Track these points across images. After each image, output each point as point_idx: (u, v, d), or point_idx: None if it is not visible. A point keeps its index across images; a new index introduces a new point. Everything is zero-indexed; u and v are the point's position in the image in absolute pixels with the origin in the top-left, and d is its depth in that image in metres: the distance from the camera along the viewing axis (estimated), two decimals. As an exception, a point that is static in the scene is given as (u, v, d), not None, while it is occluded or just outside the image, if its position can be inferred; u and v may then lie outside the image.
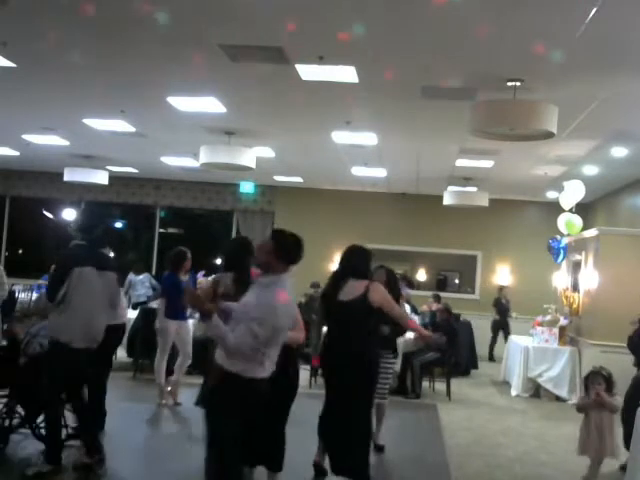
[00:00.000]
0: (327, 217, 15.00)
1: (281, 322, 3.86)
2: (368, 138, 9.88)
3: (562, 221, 11.55)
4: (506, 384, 11.07)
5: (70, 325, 5.16)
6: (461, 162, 11.23)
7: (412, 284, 14.05)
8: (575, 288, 11.10)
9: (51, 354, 5.28)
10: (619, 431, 5.99)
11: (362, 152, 10.90)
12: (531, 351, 10.41)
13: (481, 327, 13.47)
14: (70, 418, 5.72)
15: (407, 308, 11.97)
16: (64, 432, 5.56)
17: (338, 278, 5.43)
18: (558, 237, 11.68)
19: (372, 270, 5.87)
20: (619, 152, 9.77)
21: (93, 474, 5.26)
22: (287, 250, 4.01)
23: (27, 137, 11.50)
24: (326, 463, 5.46)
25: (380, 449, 6.53)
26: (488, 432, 7.85)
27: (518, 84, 6.70)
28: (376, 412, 6.34)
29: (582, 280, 10.69)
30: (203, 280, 8.31)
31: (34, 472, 5.13)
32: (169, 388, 8.05)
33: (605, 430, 5.85)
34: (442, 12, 5.23)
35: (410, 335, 10.29)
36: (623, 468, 6.18)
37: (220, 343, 3.81)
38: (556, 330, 10.59)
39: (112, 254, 6.06)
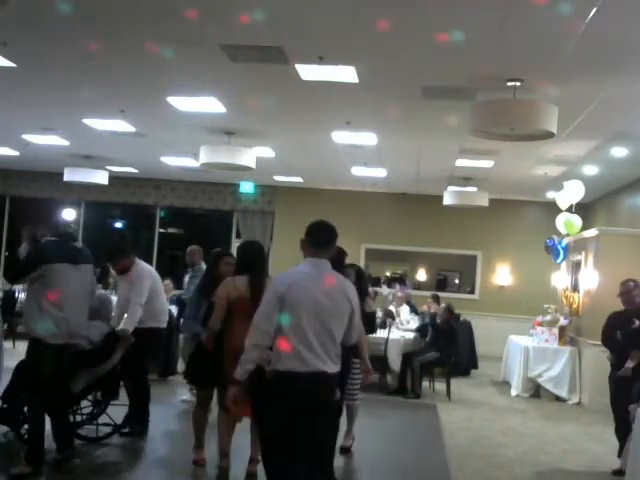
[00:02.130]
0: (327, 217, 14.58)
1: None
2: (368, 138, 9.88)
3: (561, 221, 11.53)
4: (506, 384, 11.07)
5: (45, 321, 5.12)
6: (461, 162, 11.23)
7: (404, 281, 14.05)
8: (575, 288, 11.10)
9: (30, 352, 5.26)
10: None
11: (362, 152, 10.90)
12: (531, 351, 10.41)
13: (481, 327, 13.47)
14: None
15: (406, 308, 12.03)
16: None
17: None
18: (556, 238, 11.66)
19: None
20: (619, 152, 9.76)
21: (67, 471, 5.27)
22: (307, 233, 4.09)
23: (27, 137, 11.49)
24: None
25: (346, 451, 6.36)
26: (488, 432, 7.85)
27: (518, 84, 6.69)
28: (347, 413, 6.29)
29: (582, 280, 10.68)
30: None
31: (16, 473, 5.09)
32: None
33: None
34: (442, 12, 5.24)
35: (410, 335, 10.33)
36: (615, 473, 6.20)
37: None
38: (556, 330, 10.59)
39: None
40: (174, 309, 10.21)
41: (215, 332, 5.27)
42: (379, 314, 9.52)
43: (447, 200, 12.55)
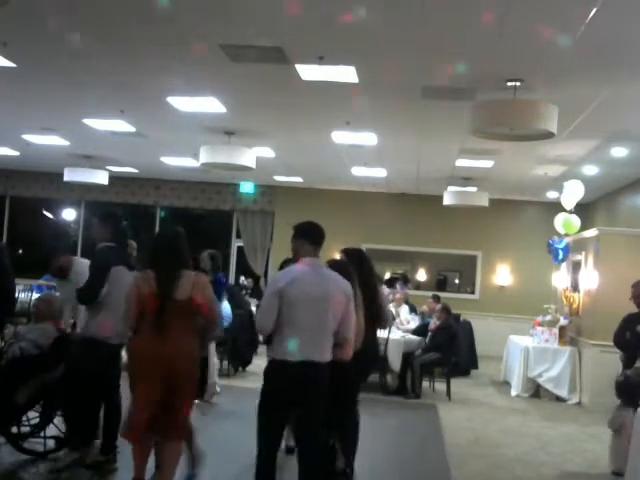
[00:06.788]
0: (327, 217, 14.73)
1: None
2: (368, 138, 9.88)
3: (559, 221, 11.49)
4: (506, 384, 11.07)
5: (108, 322, 5.16)
6: (461, 162, 11.23)
7: (408, 280, 14.00)
8: (575, 288, 11.10)
9: (88, 352, 5.23)
10: None
11: (362, 152, 10.90)
12: (531, 351, 10.41)
13: (481, 327, 13.47)
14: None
15: (406, 308, 12.01)
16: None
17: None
18: (556, 238, 11.65)
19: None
20: (619, 152, 9.77)
21: (106, 471, 5.27)
22: (305, 233, 4.43)
23: (27, 137, 11.50)
24: None
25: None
26: (488, 432, 7.85)
27: (518, 84, 6.70)
28: None
29: (582, 280, 10.68)
30: None
31: (92, 461, 5.22)
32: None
33: None
34: (442, 11, 5.24)
35: (411, 335, 10.33)
36: (615, 473, 6.19)
37: None
38: (556, 330, 10.59)
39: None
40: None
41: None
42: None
43: (447, 200, 12.55)
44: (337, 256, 5.68)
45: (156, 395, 4.40)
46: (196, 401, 5.37)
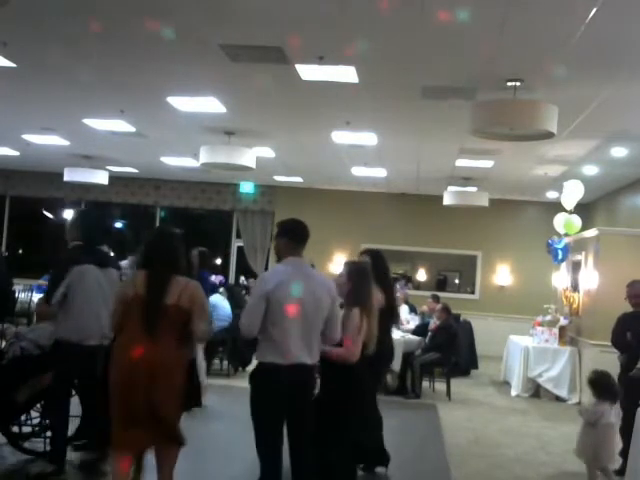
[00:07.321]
0: (327, 217, 14.97)
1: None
2: (368, 138, 9.88)
3: (559, 221, 11.49)
4: (506, 384, 11.07)
5: (80, 324, 5.11)
6: (461, 162, 11.23)
7: (410, 280, 14.04)
8: (575, 288, 11.10)
9: (62, 354, 5.18)
10: None
11: (362, 152, 10.90)
12: (531, 351, 10.41)
13: (481, 327, 13.47)
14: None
15: (405, 308, 12.02)
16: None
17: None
18: (555, 238, 11.65)
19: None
20: (619, 152, 9.77)
21: (99, 472, 5.24)
22: (286, 232, 4.33)
23: (27, 137, 11.50)
24: None
25: None
26: (488, 432, 7.85)
27: (518, 84, 6.70)
28: None
29: (582, 280, 10.68)
30: None
31: (37, 472, 5.10)
32: None
33: None
34: (442, 12, 5.24)
35: (410, 335, 10.33)
36: (616, 472, 6.18)
37: None
38: (556, 330, 10.59)
39: (112, 254, 6.05)
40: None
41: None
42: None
43: (447, 200, 12.55)
44: (340, 255, 5.82)
45: (139, 397, 4.05)
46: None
